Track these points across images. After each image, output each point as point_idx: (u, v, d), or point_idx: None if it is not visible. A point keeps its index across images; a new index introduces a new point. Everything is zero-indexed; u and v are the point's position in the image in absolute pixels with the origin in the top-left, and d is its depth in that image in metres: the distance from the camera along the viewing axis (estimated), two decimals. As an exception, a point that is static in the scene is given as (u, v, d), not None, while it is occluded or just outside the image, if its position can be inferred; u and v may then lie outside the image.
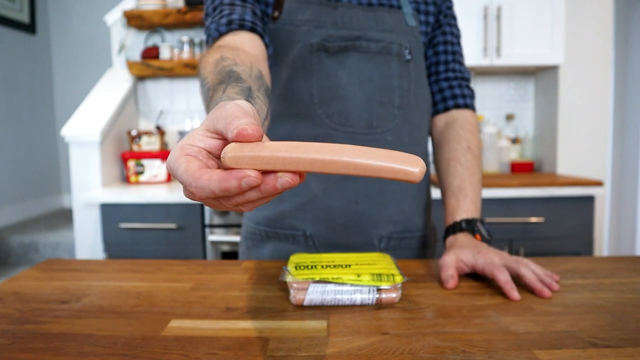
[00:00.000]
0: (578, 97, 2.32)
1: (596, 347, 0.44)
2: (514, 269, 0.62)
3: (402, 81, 0.78)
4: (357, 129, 0.76)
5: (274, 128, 0.78)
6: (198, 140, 0.33)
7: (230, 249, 1.92)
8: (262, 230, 0.82)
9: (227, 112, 0.32)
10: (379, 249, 0.79)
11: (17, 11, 3.09)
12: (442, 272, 0.64)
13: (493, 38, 2.13)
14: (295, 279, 0.55)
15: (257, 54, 0.66)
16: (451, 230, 0.74)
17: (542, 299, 0.58)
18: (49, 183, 3.37)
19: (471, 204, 0.76)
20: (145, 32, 2.51)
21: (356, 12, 0.77)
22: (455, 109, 0.86)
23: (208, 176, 0.30)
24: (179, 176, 0.32)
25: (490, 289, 0.62)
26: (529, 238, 1.90)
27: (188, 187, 0.32)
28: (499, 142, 2.30)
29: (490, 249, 0.66)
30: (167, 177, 2.27)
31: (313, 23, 0.75)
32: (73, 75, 3.43)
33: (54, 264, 0.75)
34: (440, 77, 0.87)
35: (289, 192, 0.78)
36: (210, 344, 0.46)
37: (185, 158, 0.32)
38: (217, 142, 0.34)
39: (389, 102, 0.77)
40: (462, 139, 0.81)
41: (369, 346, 0.45)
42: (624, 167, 2.47)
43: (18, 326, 0.50)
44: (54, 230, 2.74)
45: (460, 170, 0.79)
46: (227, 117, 0.32)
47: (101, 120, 2.13)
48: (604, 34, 2.32)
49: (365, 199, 0.77)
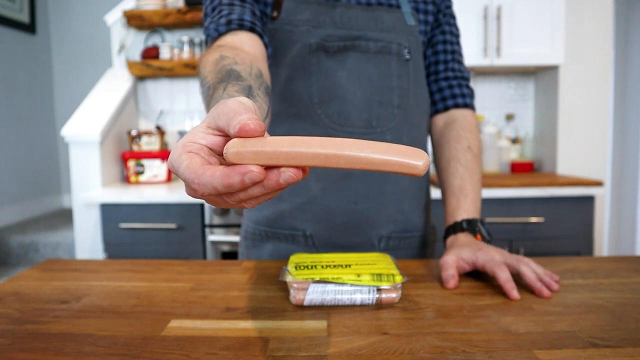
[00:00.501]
0: (578, 97, 2.32)
1: (596, 347, 0.44)
2: (515, 267, 0.62)
3: (402, 81, 0.78)
4: (357, 128, 0.76)
5: (273, 128, 0.78)
6: (200, 137, 0.33)
7: (230, 249, 1.92)
8: (262, 230, 0.82)
9: (229, 109, 0.32)
10: (379, 249, 0.79)
11: (17, 11, 3.09)
12: (443, 271, 0.64)
13: (493, 38, 2.13)
14: (295, 279, 0.55)
15: (256, 54, 0.66)
16: (452, 230, 0.74)
17: (542, 299, 0.58)
18: (49, 183, 3.37)
19: (471, 204, 0.76)
20: (145, 32, 2.51)
21: (355, 11, 0.76)
22: (455, 108, 0.86)
23: (210, 172, 0.30)
24: (181, 173, 0.31)
25: (490, 289, 0.62)
26: (529, 238, 1.90)
27: (190, 184, 0.31)
28: (499, 142, 2.30)
29: (490, 247, 0.66)
30: (167, 177, 2.27)
31: (312, 23, 0.75)
32: (73, 75, 3.44)
33: (54, 264, 0.75)
34: (440, 76, 0.87)
35: (289, 192, 0.78)
36: (210, 344, 0.46)
37: (187, 155, 0.32)
38: (219, 139, 0.33)
39: (389, 101, 0.77)
40: (462, 139, 0.81)
41: (369, 346, 0.45)
42: (624, 167, 2.47)
43: (18, 326, 0.50)
44: (54, 230, 2.74)
45: (461, 170, 0.79)
46: (228, 113, 0.32)
47: (101, 120, 2.13)
48: (604, 34, 2.32)
49: (364, 198, 0.77)
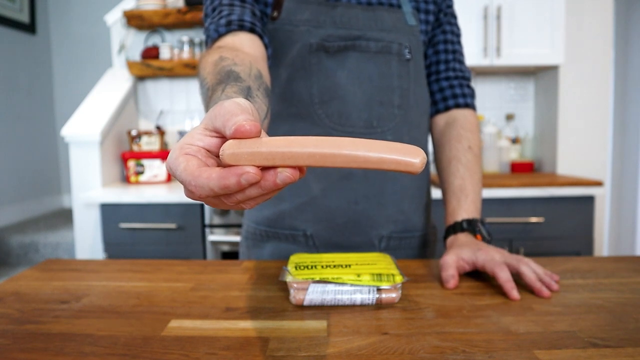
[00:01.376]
0: (578, 97, 2.32)
1: (596, 347, 0.44)
2: (515, 267, 0.62)
3: (402, 81, 0.78)
4: (357, 129, 0.76)
5: (273, 128, 0.78)
6: (197, 139, 0.33)
7: (230, 249, 1.92)
8: (263, 230, 0.82)
9: (225, 110, 0.32)
10: (379, 249, 0.79)
11: (17, 11, 3.09)
12: (443, 271, 0.64)
13: (493, 38, 2.13)
14: (295, 279, 0.55)
15: (256, 55, 0.66)
16: (452, 230, 0.74)
17: (542, 299, 0.58)
18: (49, 183, 3.37)
19: (472, 204, 0.76)
20: (145, 32, 2.51)
21: (355, 11, 0.76)
22: (456, 108, 0.86)
23: (207, 174, 0.30)
24: (178, 175, 0.31)
25: (490, 289, 0.62)
26: (529, 238, 1.90)
27: (187, 186, 0.31)
28: (499, 142, 2.30)
29: (491, 247, 0.66)
30: (167, 177, 2.27)
31: (312, 23, 0.75)
32: (73, 75, 3.43)
33: (54, 264, 0.75)
34: (441, 76, 0.87)
35: (289, 192, 0.78)
36: (210, 344, 0.46)
37: (184, 157, 0.32)
38: (216, 141, 0.33)
39: (389, 101, 0.77)
40: (463, 139, 0.81)
41: (369, 346, 0.45)
42: (624, 167, 2.47)
43: (18, 326, 0.50)
44: (54, 230, 2.74)
45: (462, 170, 0.79)
46: (225, 115, 0.32)
47: (101, 120, 2.13)
48: (604, 34, 2.32)
49: (364, 199, 0.77)
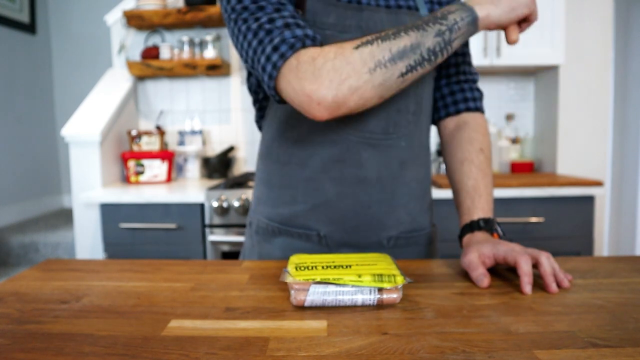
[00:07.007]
0: (578, 97, 2.32)
1: (596, 347, 0.44)
2: (535, 256, 0.63)
3: (418, 87, 0.79)
4: (374, 134, 0.76)
5: (291, 128, 0.78)
6: None
7: (230, 249, 1.92)
8: (275, 226, 0.83)
9: None
10: (388, 247, 0.80)
11: (17, 11, 3.09)
12: (473, 271, 0.64)
13: (493, 38, 2.13)
14: (296, 280, 0.55)
15: None
16: (468, 228, 0.75)
17: (542, 298, 0.58)
18: (49, 183, 3.37)
19: (486, 204, 0.77)
20: (145, 32, 2.51)
21: (380, 15, 0.76)
22: (466, 111, 0.87)
23: None
24: None
25: (490, 289, 0.62)
26: (529, 238, 1.90)
27: None
28: (499, 142, 2.30)
29: (508, 242, 0.68)
30: (167, 177, 2.27)
31: (338, 28, 0.74)
32: (73, 75, 3.44)
33: (54, 264, 0.75)
34: (452, 80, 0.88)
35: (305, 194, 0.79)
36: (210, 344, 0.46)
37: None
38: None
39: (405, 108, 0.78)
40: (474, 141, 0.83)
41: (369, 346, 0.45)
42: (624, 167, 2.47)
43: (18, 326, 0.50)
44: (54, 230, 2.74)
45: (474, 171, 0.80)
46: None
47: (101, 120, 2.13)
48: (604, 34, 2.32)
49: (377, 203, 0.78)
